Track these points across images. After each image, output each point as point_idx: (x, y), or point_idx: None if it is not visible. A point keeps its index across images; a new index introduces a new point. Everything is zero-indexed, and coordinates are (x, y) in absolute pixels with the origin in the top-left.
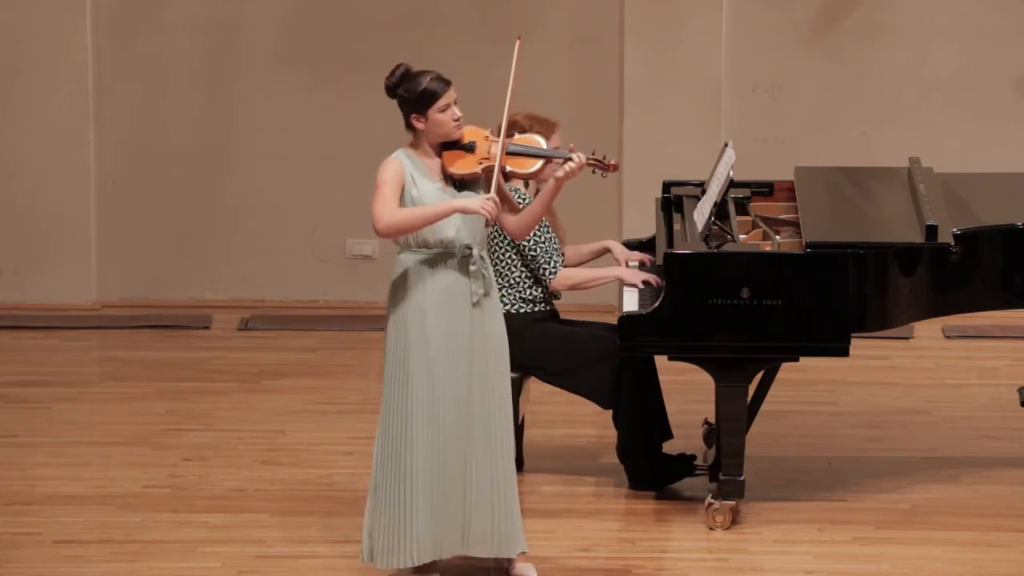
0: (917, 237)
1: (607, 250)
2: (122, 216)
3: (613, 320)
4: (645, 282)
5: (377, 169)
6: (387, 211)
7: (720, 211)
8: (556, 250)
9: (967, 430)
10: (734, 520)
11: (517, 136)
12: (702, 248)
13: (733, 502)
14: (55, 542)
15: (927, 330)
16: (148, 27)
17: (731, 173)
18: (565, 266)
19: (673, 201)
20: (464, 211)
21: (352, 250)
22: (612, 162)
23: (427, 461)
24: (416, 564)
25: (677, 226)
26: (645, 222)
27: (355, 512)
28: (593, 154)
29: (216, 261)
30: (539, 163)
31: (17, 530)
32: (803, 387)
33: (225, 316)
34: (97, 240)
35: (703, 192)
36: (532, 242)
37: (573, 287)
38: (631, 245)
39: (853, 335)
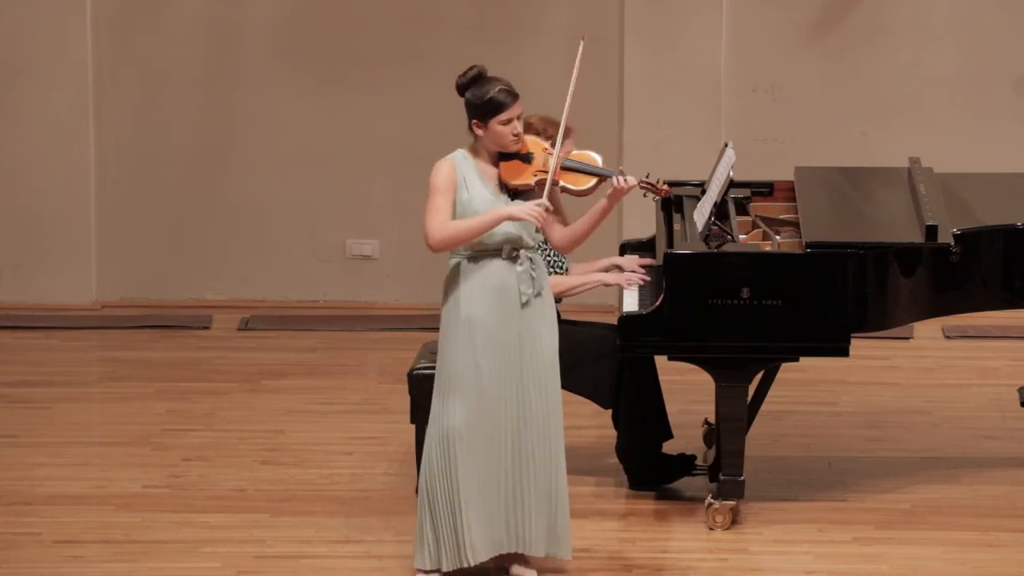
0: (917, 237)
1: (616, 267)
2: (122, 216)
3: (613, 320)
4: (640, 281)
5: (431, 170)
6: (439, 226)
7: (720, 211)
8: (548, 260)
9: (967, 430)
10: (734, 520)
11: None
12: (702, 248)
13: (733, 502)
14: (55, 542)
15: (927, 330)
16: (148, 27)
17: (731, 173)
18: None
19: (673, 201)
20: (513, 218)
21: (352, 250)
22: (663, 186)
23: (473, 462)
24: (472, 564)
25: (677, 226)
26: (645, 222)
27: (355, 512)
28: (647, 177)
29: (216, 261)
30: (593, 181)
31: (17, 530)
32: (803, 387)
33: (225, 316)
34: (97, 240)
35: (703, 192)
36: None
37: (561, 295)
38: (631, 245)
39: (853, 335)
